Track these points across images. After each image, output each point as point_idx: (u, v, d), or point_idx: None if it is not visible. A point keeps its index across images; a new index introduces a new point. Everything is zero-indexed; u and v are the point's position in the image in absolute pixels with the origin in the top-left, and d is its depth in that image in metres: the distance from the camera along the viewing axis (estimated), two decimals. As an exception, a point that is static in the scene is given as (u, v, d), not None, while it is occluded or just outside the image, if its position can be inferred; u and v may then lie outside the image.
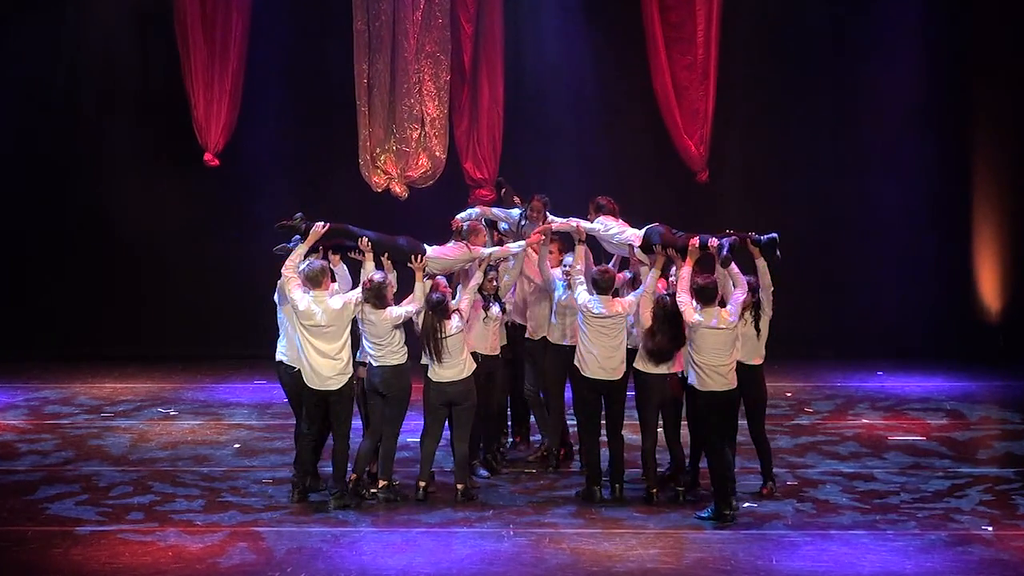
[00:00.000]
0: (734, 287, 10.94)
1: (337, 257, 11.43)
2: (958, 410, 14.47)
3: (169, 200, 17.31)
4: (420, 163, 16.77)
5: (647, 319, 11.11)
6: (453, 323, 11.18)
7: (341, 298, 11.05)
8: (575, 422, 12.23)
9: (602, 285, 11.26)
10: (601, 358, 11.21)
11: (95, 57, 17.31)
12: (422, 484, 11.25)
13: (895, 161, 17.09)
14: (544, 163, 17.02)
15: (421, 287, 11.25)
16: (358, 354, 11.31)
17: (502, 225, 12.60)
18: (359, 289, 11.10)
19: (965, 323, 17.07)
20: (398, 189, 16.76)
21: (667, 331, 10.90)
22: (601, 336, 11.23)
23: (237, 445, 13.05)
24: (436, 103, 16.72)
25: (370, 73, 16.67)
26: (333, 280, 11.22)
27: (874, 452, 12.77)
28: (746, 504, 11.08)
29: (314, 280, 10.95)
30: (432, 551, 10.10)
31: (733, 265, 10.94)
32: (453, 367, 11.21)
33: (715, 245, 11.03)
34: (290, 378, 11.25)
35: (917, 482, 11.77)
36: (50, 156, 17.32)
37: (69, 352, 17.13)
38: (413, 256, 11.28)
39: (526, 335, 12.39)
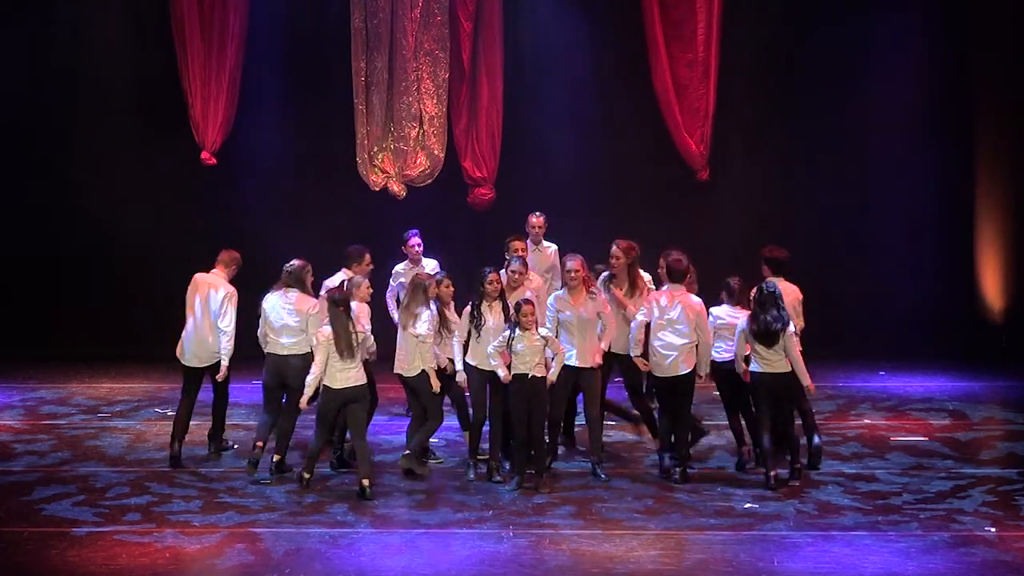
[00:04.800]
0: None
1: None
2: (961, 410, 14.41)
3: (166, 199, 17.24)
4: (418, 162, 16.73)
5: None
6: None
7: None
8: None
9: (677, 274, 11.66)
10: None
11: (92, 56, 17.24)
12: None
13: (897, 159, 17.04)
14: (543, 161, 16.99)
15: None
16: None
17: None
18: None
19: (968, 323, 17.02)
20: (396, 188, 16.72)
21: (769, 310, 11.40)
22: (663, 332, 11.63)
23: (235, 446, 12.97)
24: (435, 101, 16.67)
25: (368, 71, 16.63)
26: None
27: (876, 452, 12.71)
28: (747, 505, 11.05)
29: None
30: (431, 552, 10.05)
31: None
32: None
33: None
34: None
35: (919, 483, 11.72)
36: (47, 155, 17.26)
37: (66, 352, 17.05)
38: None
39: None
